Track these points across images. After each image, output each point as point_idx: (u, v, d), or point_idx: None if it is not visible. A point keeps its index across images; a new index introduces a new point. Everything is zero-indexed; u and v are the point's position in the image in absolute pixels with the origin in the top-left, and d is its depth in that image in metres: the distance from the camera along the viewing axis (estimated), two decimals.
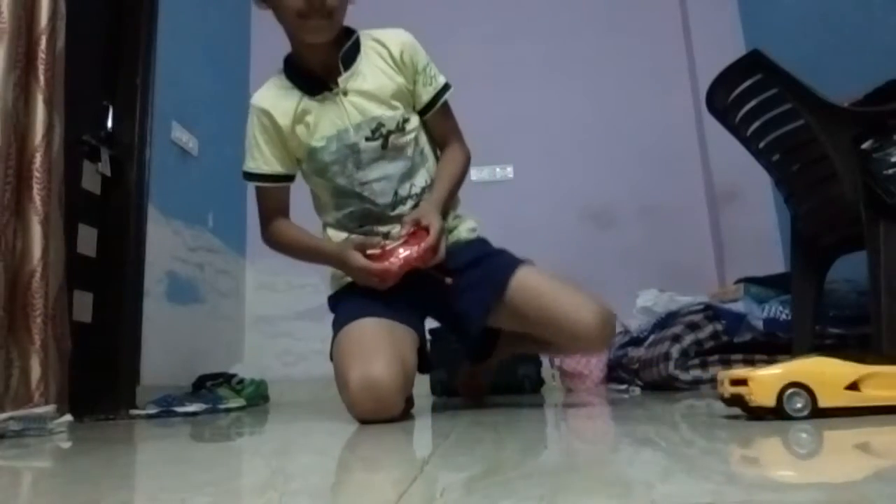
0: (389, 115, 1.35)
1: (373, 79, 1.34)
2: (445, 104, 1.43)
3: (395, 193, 1.37)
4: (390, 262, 1.24)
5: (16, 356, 1.57)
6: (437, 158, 1.47)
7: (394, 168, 1.36)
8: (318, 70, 1.34)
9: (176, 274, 2.63)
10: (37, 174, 1.65)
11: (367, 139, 1.33)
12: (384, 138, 1.34)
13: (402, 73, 1.36)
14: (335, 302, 1.44)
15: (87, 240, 2.24)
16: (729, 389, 0.82)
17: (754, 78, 1.57)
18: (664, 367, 1.88)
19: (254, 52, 3.59)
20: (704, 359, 1.88)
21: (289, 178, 1.42)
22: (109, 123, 2.40)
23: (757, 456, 0.58)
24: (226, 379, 2.51)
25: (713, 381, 1.84)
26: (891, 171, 1.38)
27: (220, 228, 3.03)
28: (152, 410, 1.96)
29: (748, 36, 3.05)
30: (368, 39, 1.37)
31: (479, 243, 1.47)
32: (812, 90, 1.49)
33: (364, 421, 1.14)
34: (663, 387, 1.91)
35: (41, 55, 1.71)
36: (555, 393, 2.35)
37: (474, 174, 2.99)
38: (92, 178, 2.28)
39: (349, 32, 1.37)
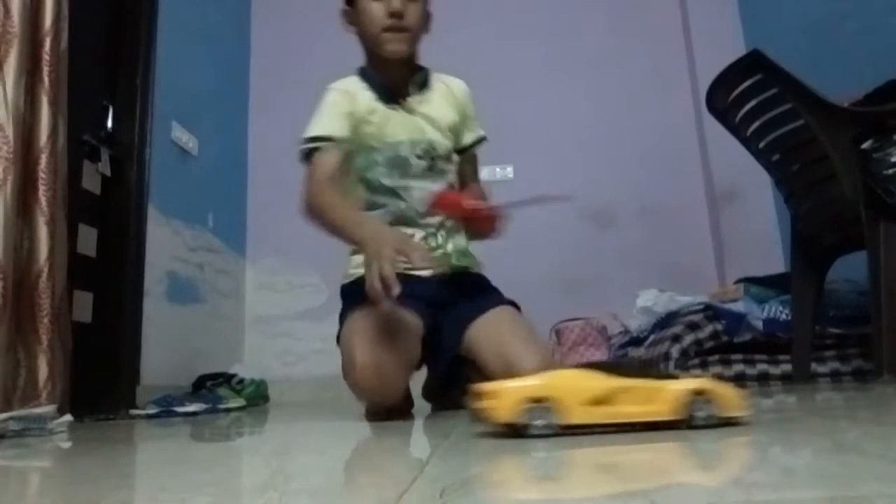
0: (442, 142, 1.48)
1: (438, 108, 1.49)
2: (475, 154, 1.60)
3: None
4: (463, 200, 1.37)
5: (23, 356, 1.57)
6: None
7: (433, 187, 1.46)
8: (390, 85, 1.45)
9: (176, 274, 2.63)
10: (42, 175, 1.66)
11: (418, 157, 1.45)
12: (432, 160, 1.46)
13: (458, 113, 1.52)
14: (348, 291, 1.44)
15: (87, 240, 2.24)
16: (475, 403, 0.73)
17: (754, 78, 1.57)
18: (664, 368, 1.88)
19: (254, 53, 3.59)
20: (704, 359, 1.88)
21: (339, 145, 1.41)
22: (109, 123, 2.39)
23: (758, 455, 0.58)
24: (226, 379, 2.51)
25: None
26: (891, 171, 1.38)
27: (220, 228, 3.03)
28: (152, 410, 1.96)
29: (748, 36, 3.05)
30: (436, 77, 1.52)
31: (480, 278, 1.53)
32: (812, 90, 1.49)
33: (368, 405, 1.20)
34: None
35: (45, 57, 1.71)
36: None
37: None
38: (92, 178, 2.28)
39: (420, 67, 1.50)
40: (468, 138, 1.56)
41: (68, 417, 1.46)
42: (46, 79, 1.70)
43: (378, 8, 1.38)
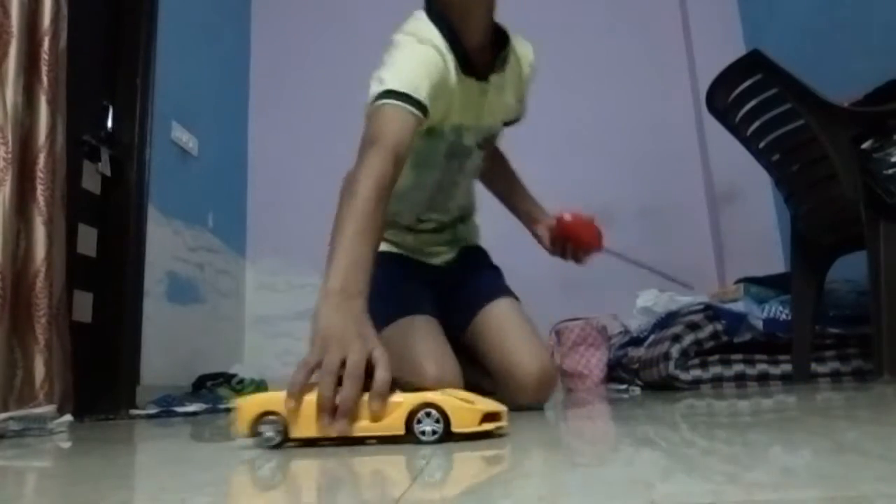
0: (498, 127, 1.36)
1: (509, 93, 1.31)
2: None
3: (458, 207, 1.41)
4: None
5: (19, 356, 1.57)
6: None
7: (466, 183, 1.38)
8: (472, 52, 1.17)
9: (176, 274, 2.63)
10: (40, 175, 1.66)
11: (479, 146, 1.30)
12: (485, 148, 1.34)
13: (518, 97, 1.38)
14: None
15: (87, 240, 2.24)
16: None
17: (754, 78, 1.58)
18: (664, 367, 1.88)
19: (254, 53, 3.59)
20: (704, 359, 1.88)
21: (420, 125, 1.05)
22: (109, 123, 2.40)
23: (758, 455, 0.58)
24: (226, 379, 2.52)
25: (713, 380, 1.85)
26: (891, 171, 1.38)
27: (220, 228, 3.03)
28: (152, 410, 1.96)
29: (748, 36, 3.06)
30: (511, 47, 1.28)
31: (482, 254, 1.53)
32: (812, 90, 1.49)
33: None
34: (663, 387, 1.91)
35: (44, 56, 1.71)
36: (555, 393, 2.35)
37: None
38: (92, 178, 2.28)
39: (500, 31, 1.25)
40: (515, 112, 1.40)
41: (68, 417, 1.46)
42: (45, 78, 1.70)
43: None
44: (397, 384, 0.74)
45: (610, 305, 2.63)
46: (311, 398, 0.72)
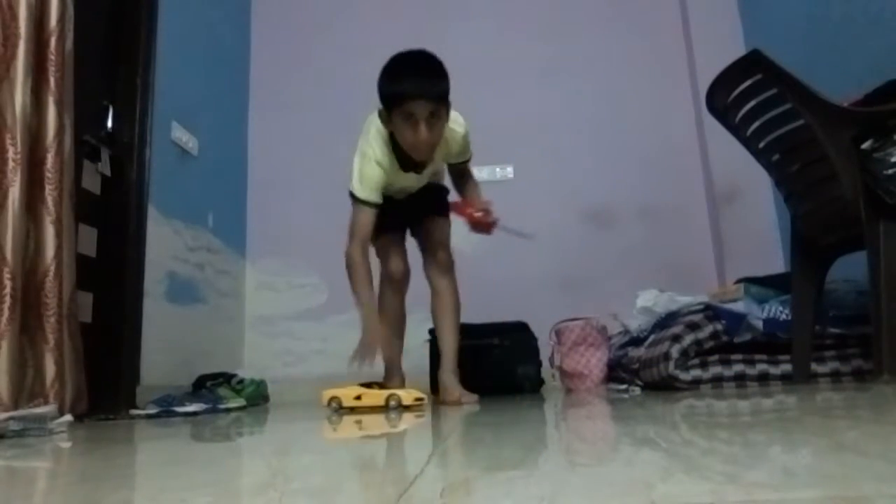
0: (438, 171, 2.04)
1: (440, 161, 1.96)
2: (465, 167, 2.06)
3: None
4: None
5: (30, 356, 1.57)
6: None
7: (431, 172, 2.02)
8: (411, 160, 1.86)
9: (176, 274, 2.63)
10: (48, 175, 1.66)
11: (419, 189, 2.01)
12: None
13: (448, 159, 1.97)
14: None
15: (87, 240, 2.24)
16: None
17: (754, 78, 1.57)
18: (664, 367, 1.87)
19: (254, 52, 3.59)
20: (704, 359, 1.88)
21: (376, 210, 1.87)
22: (109, 123, 2.40)
23: (758, 455, 0.58)
24: (226, 379, 2.51)
25: (713, 380, 1.85)
26: (891, 171, 1.38)
27: (220, 228, 3.03)
28: (152, 410, 1.96)
29: (748, 36, 3.06)
30: (443, 140, 1.86)
31: (441, 190, 2.16)
32: (812, 90, 1.49)
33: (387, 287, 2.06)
34: (663, 387, 1.91)
35: (51, 57, 1.71)
36: (555, 393, 2.35)
37: (474, 174, 3.03)
38: (92, 178, 2.28)
39: None
40: (455, 161, 1.99)
41: (68, 417, 1.46)
42: (52, 79, 1.70)
43: (409, 132, 1.73)
44: (381, 385, 1.74)
45: (610, 305, 2.63)
46: (350, 391, 1.70)
